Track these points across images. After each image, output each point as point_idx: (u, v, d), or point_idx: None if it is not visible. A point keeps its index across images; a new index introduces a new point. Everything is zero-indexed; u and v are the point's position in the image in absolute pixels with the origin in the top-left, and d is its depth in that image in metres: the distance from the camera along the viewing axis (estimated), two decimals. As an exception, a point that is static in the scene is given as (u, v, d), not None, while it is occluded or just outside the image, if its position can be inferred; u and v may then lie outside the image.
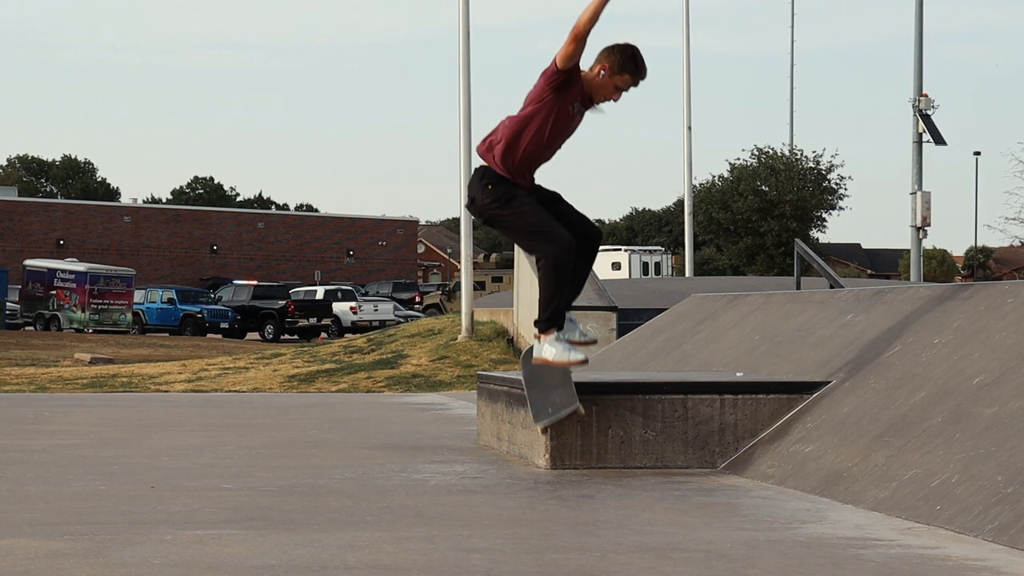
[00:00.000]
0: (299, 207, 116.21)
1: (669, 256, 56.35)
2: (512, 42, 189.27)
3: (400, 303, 55.06)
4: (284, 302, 49.80)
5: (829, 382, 7.69)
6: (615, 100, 7.08)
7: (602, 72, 6.99)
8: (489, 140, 7.13)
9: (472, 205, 7.20)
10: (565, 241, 6.98)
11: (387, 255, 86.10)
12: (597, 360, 12.59)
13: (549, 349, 7.12)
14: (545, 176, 7.24)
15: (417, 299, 58.47)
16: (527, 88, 7.08)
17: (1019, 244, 69.09)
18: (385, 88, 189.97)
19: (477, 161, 7.30)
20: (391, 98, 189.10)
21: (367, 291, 62.53)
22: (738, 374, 8.36)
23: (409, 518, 5.72)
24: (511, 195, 7.07)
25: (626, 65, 6.99)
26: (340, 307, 50.56)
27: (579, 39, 6.82)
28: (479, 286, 43.15)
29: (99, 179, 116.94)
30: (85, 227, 76.81)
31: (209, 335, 50.04)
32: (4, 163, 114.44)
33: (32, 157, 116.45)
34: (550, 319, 7.09)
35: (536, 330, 7.18)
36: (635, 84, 7.04)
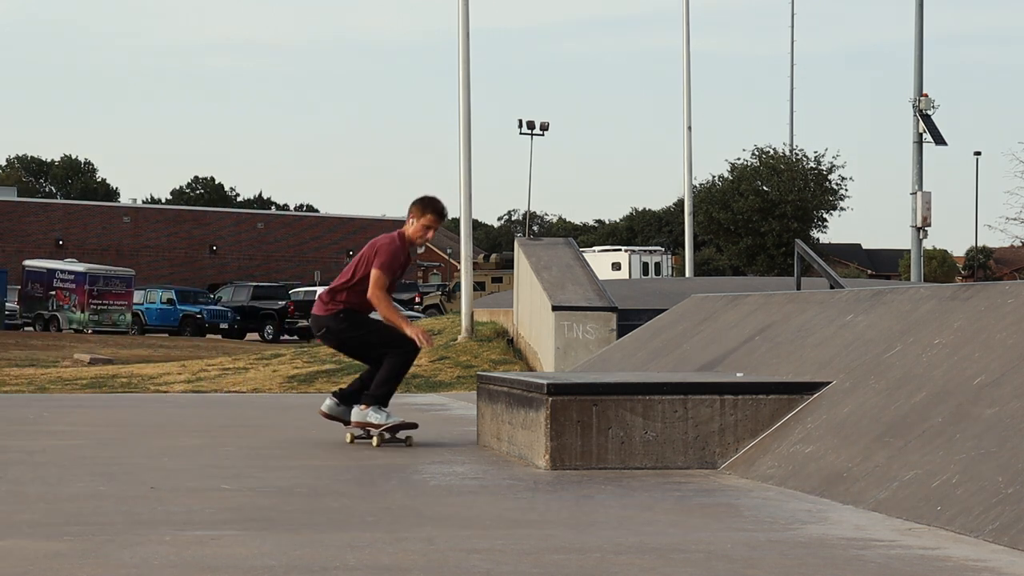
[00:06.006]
0: (299, 207, 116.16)
1: (669, 256, 56.34)
2: (512, 42, 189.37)
3: (400, 303, 54.99)
4: (284, 302, 49.71)
5: (829, 382, 7.69)
6: (427, 239, 9.17)
7: (413, 221, 9.07)
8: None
9: (327, 333, 8.99)
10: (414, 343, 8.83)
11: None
12: (597, 360, 12.58)
13: (374, 415, 8.81)
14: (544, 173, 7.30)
15: (417, 299, 58.41)
16: (527, 88, 7.17)
17: (1019, 244, 69.08)
18: (385, 88, 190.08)
19: (477, 161, 7.49)
20: (391, 98, 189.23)
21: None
22: (738, 374, 8.35)
23: (409, 518, 5.72)
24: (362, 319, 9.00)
25: (426, 208, 9.03)
26: (340, 307, 50.35)
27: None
28: (479, 287, 43.17)
29: (99, 179, 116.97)
30: (85, 227, 76.73)
31: (209, 335, 50.02)
32: (4, 163, 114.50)
33: (32, 157, 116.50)
34: (382, 398, 8.83)
35: (365, 403, 8.84)
36: (439, 221, 9.08)
